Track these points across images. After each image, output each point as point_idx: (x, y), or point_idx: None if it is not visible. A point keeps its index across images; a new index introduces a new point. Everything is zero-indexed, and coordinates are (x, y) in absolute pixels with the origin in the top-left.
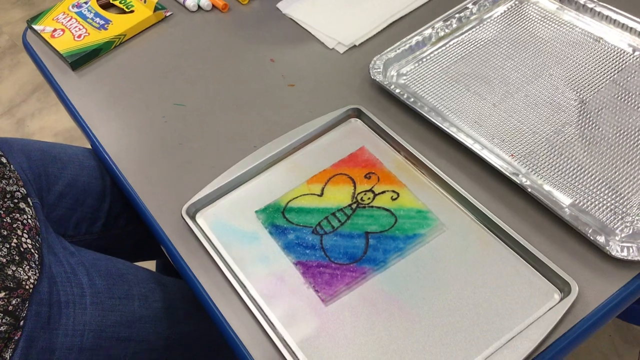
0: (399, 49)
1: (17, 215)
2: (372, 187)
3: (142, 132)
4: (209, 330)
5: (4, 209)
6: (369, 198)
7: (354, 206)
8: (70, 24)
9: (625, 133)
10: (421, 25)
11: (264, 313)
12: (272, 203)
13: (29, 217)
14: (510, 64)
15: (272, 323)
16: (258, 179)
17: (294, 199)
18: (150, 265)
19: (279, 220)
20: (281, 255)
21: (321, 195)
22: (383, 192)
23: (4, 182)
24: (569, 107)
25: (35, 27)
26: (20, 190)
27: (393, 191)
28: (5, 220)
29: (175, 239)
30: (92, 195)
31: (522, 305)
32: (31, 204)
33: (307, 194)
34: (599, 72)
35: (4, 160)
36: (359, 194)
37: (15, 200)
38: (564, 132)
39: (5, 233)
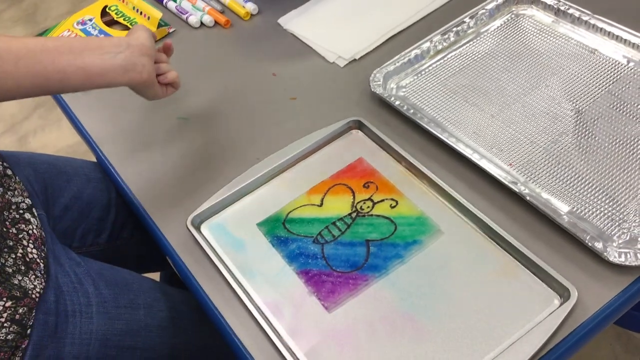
0: (398, 62)
1: (23, 225)
2: (371, 195)
3: (147, 145)
4: (215, 339)
5: (9, 220)
6: (368, 207)
7: (353, 215)
8: None
9: (621, 142)
10: (420, 39)
11: (269, 321)
12: (272, 215)
13: (34, 227)
14: (507, 76)
15: (277, 331)
16: (261, 190)
17: (294, 209)
18: (154, 277)
19: (280, 231)
20: (284, 265)
21: (321, 205)
22: (382, 200)
23: (9, 193)
24: (565, 117)
25: None
26: (26, 202)
27: (392, 199)
28: (11, 231)
29: (180, 250)
30: (98, 208)
31: (522, 310)
32: (36, 214)
33: (307, 205)
34: (595, 83)
35: (9, 172)
36: (358, 203)
37: (21, 211)
38: (561, 141)
39: (11, 243)
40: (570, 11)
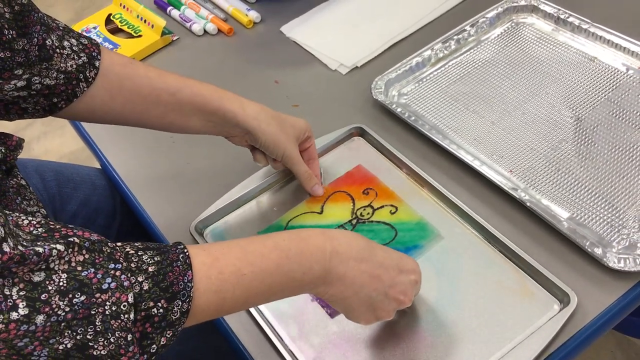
0: (399, 69)
1: None
2: (371, 202)
3: (151, 152)
4: (220, 346)
5: None
6: (368, 213)
7: (354, 222)
8: None
9: (620, 149)
10: (421, 47)
11: (272, 327)
12: (273, 223)
13: None
14: (508, 84)
15: (280, 337)
16: (262, 197)
17: (294, 217)
18: None
19: None
20: None
21: (321, 212)
22: (382, 206)
23: (25, 203)
24: (565, 125)
25: None
26: (41, 212)
27: (391, 205)
28: None
29: None
30: (104, 214)
31: (522, 315)
32: None
33: (308, 212)
34: (594, 90)
35: (23, 182)
36: (358, 209)
37: None
38: (561, 148)
39: None
40: (570, 19)
